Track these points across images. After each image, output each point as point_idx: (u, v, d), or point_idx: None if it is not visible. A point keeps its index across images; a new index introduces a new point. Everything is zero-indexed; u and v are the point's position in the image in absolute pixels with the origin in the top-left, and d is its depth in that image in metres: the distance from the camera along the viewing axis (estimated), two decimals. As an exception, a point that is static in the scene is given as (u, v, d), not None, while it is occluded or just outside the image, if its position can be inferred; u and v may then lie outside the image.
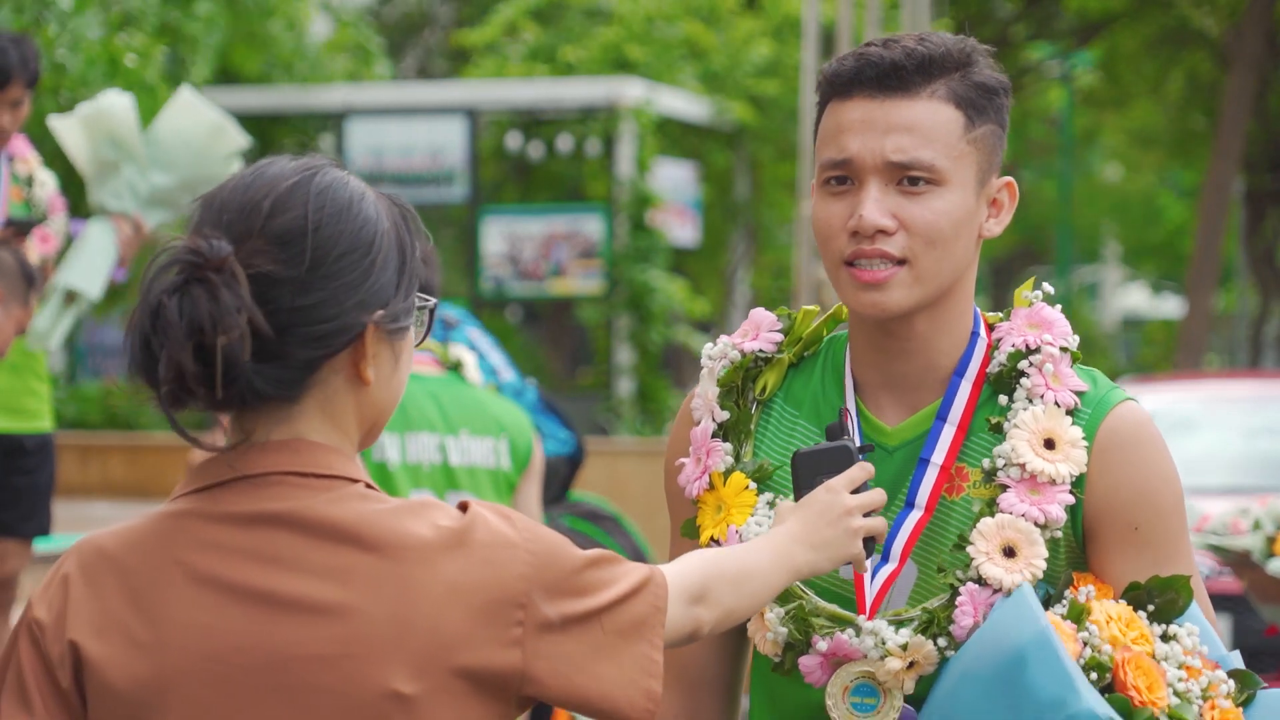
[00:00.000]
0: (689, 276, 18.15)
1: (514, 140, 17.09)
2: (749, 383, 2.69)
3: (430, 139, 16.69)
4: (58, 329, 6.38)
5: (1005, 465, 2.54)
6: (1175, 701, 2.42)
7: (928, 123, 2.55)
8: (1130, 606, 2.48)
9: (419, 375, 4.84)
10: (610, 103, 16.45)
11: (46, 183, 6.67)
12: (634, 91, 16.51)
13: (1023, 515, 2.51)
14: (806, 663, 2.55)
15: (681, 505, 2.69)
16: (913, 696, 2.52)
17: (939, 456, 2.58)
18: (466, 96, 17.21)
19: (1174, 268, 31.55)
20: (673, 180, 17.14)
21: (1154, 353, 28.93)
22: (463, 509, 2.23)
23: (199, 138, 6.38)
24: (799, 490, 2.50)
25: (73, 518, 10.13)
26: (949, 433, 2.58)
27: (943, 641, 2.49)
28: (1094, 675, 2.41)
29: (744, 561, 2.37)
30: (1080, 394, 2.58)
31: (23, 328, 6.23)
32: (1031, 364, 2.57)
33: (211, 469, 2.22)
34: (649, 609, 2.24)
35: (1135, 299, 41.20)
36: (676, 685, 2.73)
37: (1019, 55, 21.91)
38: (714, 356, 2.69)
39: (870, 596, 2.55)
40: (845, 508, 2.46)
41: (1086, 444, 2.54)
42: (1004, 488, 2.54)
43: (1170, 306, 34.65)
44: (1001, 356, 2.59)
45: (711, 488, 2.64)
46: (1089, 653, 2.42)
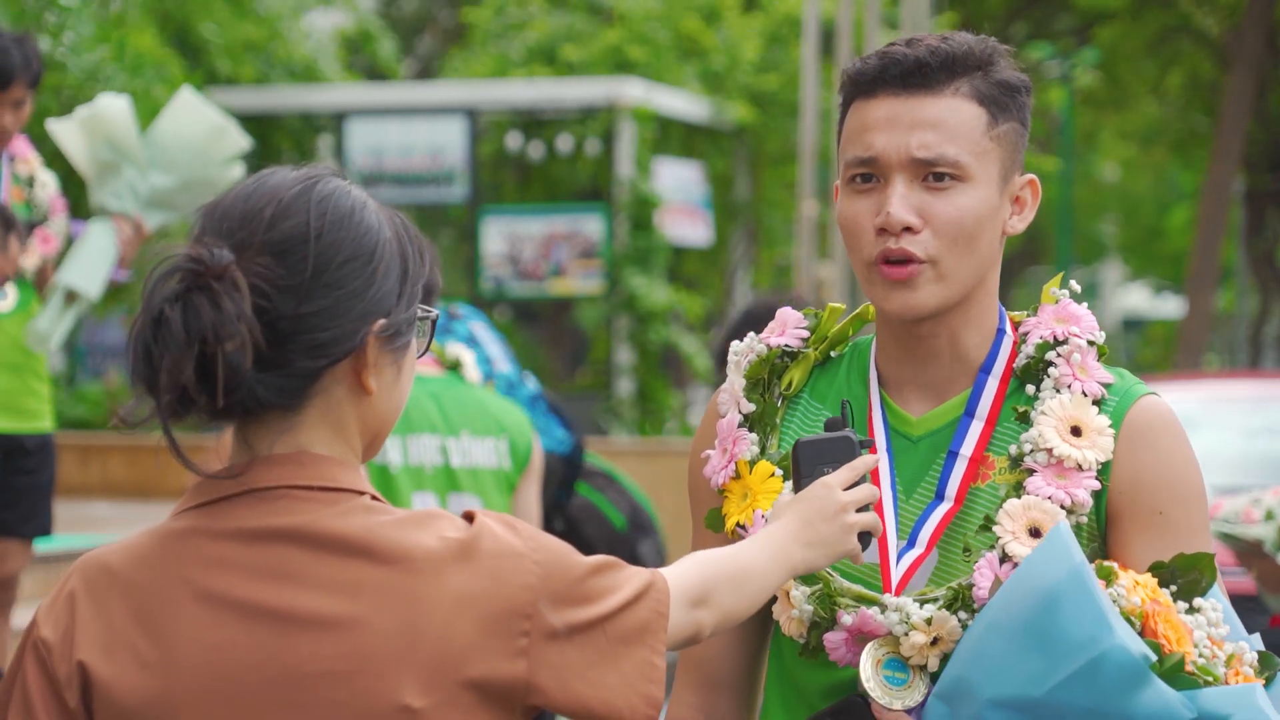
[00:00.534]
0: (695, 277, 18.15)
1: (514, 140, 17.09)
2: (775, 378, 2.71)
3: (430, 139, 16.68)
4: (58, 329, 6.38)
5: (1032, 451, 2.57)
6: (1201, 661, 2.42)
7: (952, 120, 2.57)
8: (1156, 582, 2.48)
9: (419, 376, 4.83)
10: (610, 103, 16.45)
11: (47, 183, 6.67)
12: (634, 91, 16.50)
13: (1049, 497, 2.54)
14: (832, 639, 2.57)
15: (705, 499, 2.71)
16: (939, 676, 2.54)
17: (967, 449, 2.61)
18: (466, 96, 17.20)
19: (1174, 268, 31.55)
20: (679, 180, 17.12)
21: (1154, 353, 28.93)
22: (468, 519, 2.22)
23: (200, 138, 6.38)
24: (799, 480, 2.52)
25: (73, 518, 10.12)
26: (977, 426, 2.61)
27: (965, 615, 2.51)
28: (1129, 626, 2.39)
29: (742, 562, 2.38)
30: (1106, 385, 2.61)
31: (4, 275, 6.24)
32: (1059, 354, 2.61)
33: (216, 483, 2.21)
34: (651, 615, 2.24)
35: (1135, 299, 41.20)
36: (695, 685, 2.75)
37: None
38: (741, 351, 2.72)
39: (896, 578, 2.58)
40: (840, 504, 2.46)
41: (1113, 432, 2.57)
42: (1031, 472, 2.56)
43: (1170, 306, 34.63)
44: (1029, 348, 2.63)
45: (737, 476, 2.66)
46: (1119, 610, 2.41)
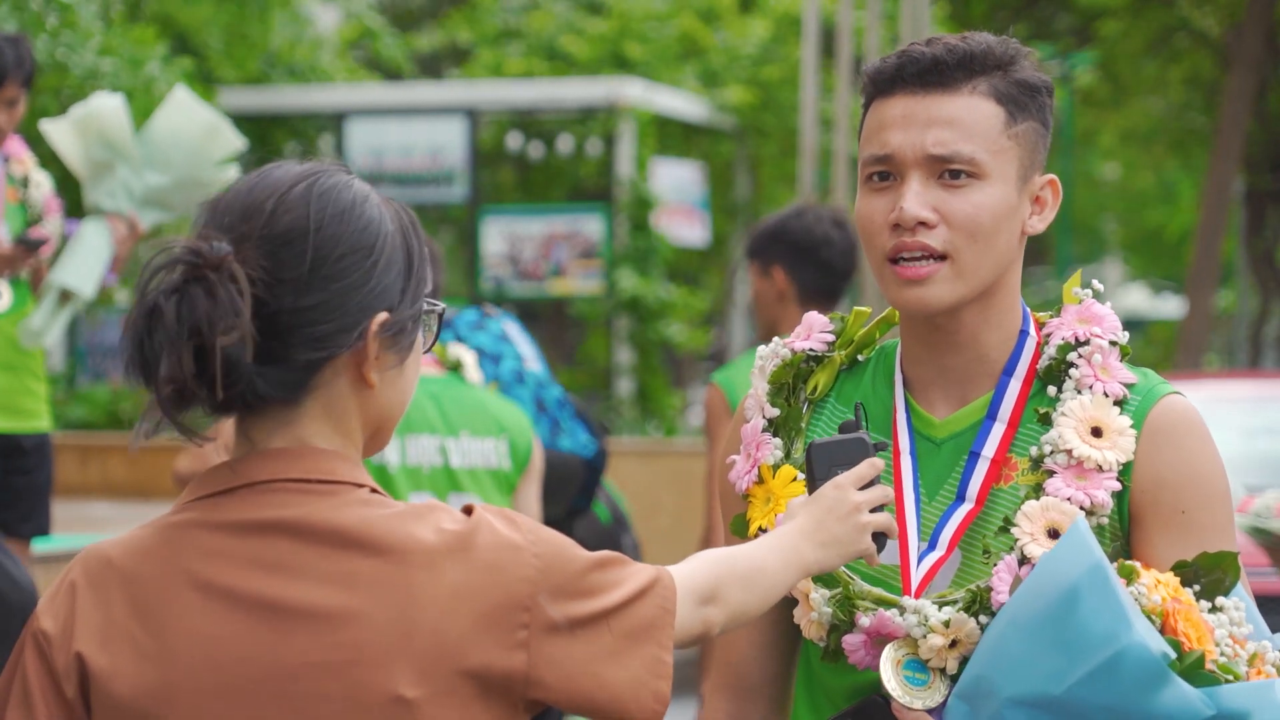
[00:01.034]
0: (693, 277, 18.14)
1: (514, 140, 17.09)
2: (800, 382, 2.71)
3: (430, 139, 16.67)
4: (52, 327, 6.38)
5: (1052, 452, 2.57)
6: (1223, 659, 2.41)
7: (968, 117, 2.57)
8: (1179, 581, 2.47)
9: (420, 376, 4.82)
10: (610, 102, 16.44)
11: (42, 183, 6.66)
12: (633, 91, 16.50)
13: (1068, 499, 2.53)
14: (850, 641, 2.57)
15: (732, 503, 2.72)
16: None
17: (989, 450, 2.60)
18: (466, 96, 17.20)
19: (1174, 268, 31.52)
20: (676, 180, 17.11)
21: (1154, 353, 28.91)
22: (467, 512, 2.22)
23: (194, 138, 6.38)
24: (813, 481, 2.52)
25: (73, 518, 10.12)
26: (999, 429, 2.61)
27: (984, 619, 2.50)
28: (1149, 623, 2.38)
29: (753, 561, 2.37)
30: (1129, 385, 2.60)
31: None
32: (1080, 355, 2.60)
33: (215, 477, 2.22)
34: (657, 610, 2.24)
35: (1135, 299, 41.22)
36: (726, 689, 2.75)
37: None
38: (765, 355, 2.72)
39: (916, 580, 2.57)
40: (853, 504, 2.46)
41: (1135, 432, 2.56)
42: (1051, 473, 2.56)
43: (1170, 306, 34.64)
44: (1051, 350, 2.63)
45: (761, 481, 2.66)
46: (1139, 607, 2.40)
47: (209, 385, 2.14)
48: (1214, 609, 2.46)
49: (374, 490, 2.23)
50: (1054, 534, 2.51)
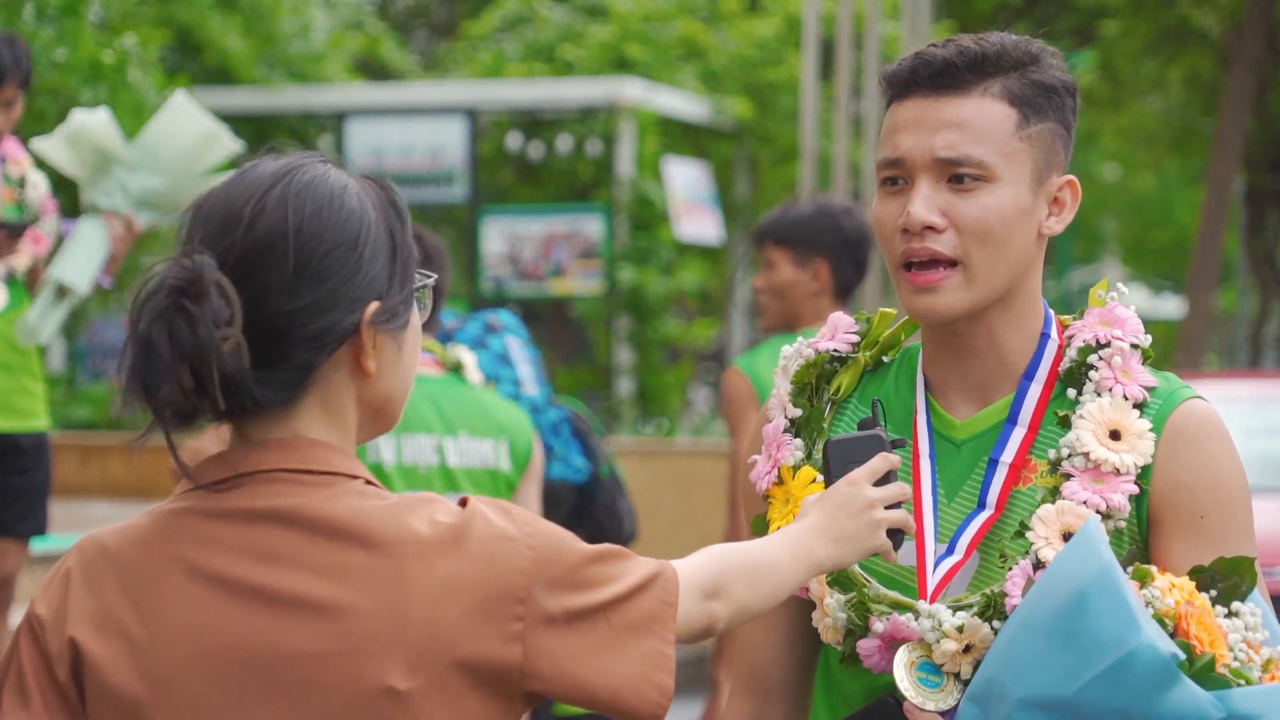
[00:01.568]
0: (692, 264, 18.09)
1: (514, 140, 17.08)
2: (823, 383, 2.70)
3: (430, 139, 16.67)
4: (48, 323, 6.37)
5: (1070, 455, 2.56)
6: (1236, 664, 2.40)
7: (977, 120, 2.56)
8: (1194, 585, 2.46)
9: (419, 377, 4.81)
10: (610, 102, 16.43)
11: (38, 184, 6.66)
12: (634, 91, 16.49)
13: (1084, 502, 2.52)
14: (865, 645, 2.57)
15: (753, 504, 2.71)
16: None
17: (1008, 456, 2.59)
18: (466, 96, 17.19)
19: (1174, 268, 31.50)
20: (686, 178, 17.09)
21: (1154, 353, 28.87)
22: (463, 504, 2.22)
23: (191, 143, 6.37)
24: (830, 479, 2.51)
25: (73, 518, 10.13)
26: (1019, 433, 2.60)
27: (998, 623, 2.50)
28: (1158, 626, 2.37)
29: (760, 556, 2.35)
30: (1150, 389, 2.59)
31: None
32: (1101, 358, 2.59)
33: (211, 468, 2.23)
34: (658, 604, 2.23)
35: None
36: (746, 692, 2.75)
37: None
38: (789, 355, 2.72)
39: (932, 584, 2.57)
40: (867, 500, 2.45)
41: (1154, 435, 2.55)
42: (1068, 476, 2.55)
43: (1170, 306, 34.61)
44: (1072, 352, 2.61)
45: (780, 481, 2.66)
46: (1151, 610, 2.39)
47: (210, 399, 2.15)
48: (1230, 614, 2.44)
49: (369, 482, 2.23)
50: (1069, 537, 2.50)
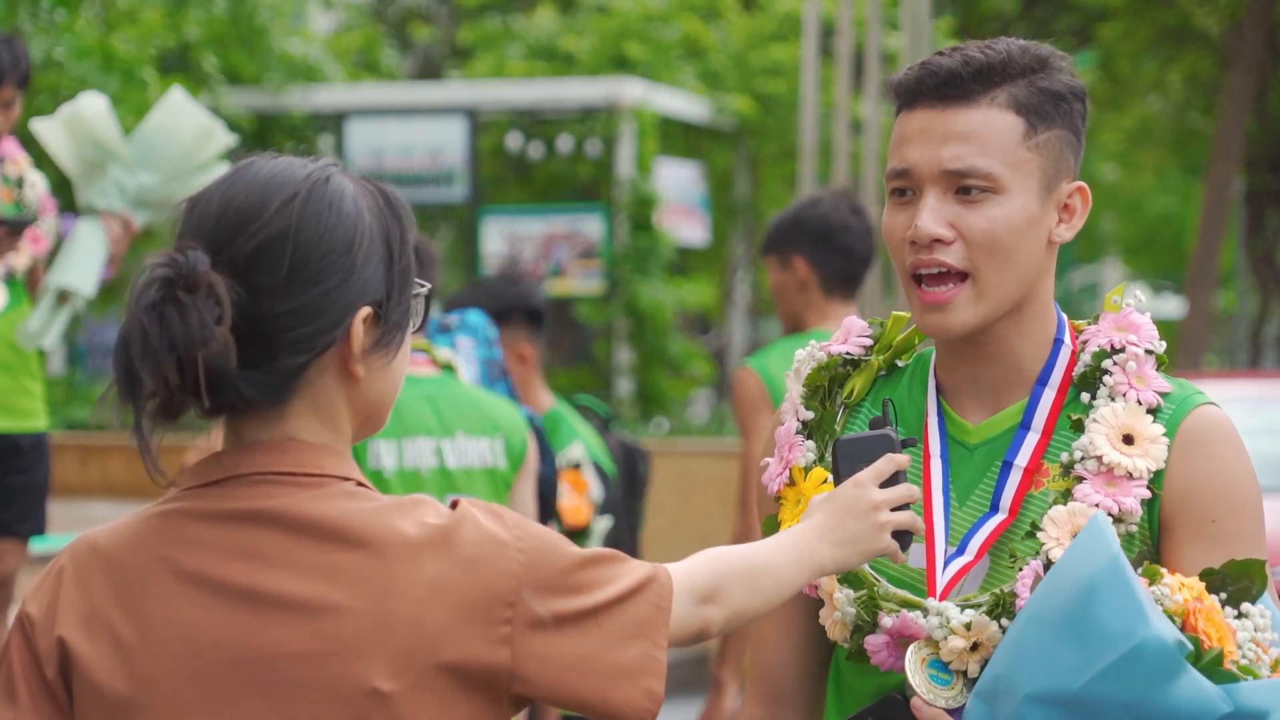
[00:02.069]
0: (694, 276, 18.12)
1: (514, 140, 17.07)
2: (836, 386, 2.70)
3: (430, 139, 16.67)
4: (50, 329, 6.37)
5: (1083, 458, 2.56)
6: (1245, 662, 2.39)
7: (984, 130, 2.55)
8: (1204, 586, 2.45)
9: (414, 377, 4.79)
10: (610, 103, 16.43)
11: (37, 184, 6.66)
12: (634, 91, 16.49)
13: (1096, 505, 2.51)
14: (873, 641, 2.57)
15: (766, 506, 2.71)
16: None
17: (1023, 460, 2.59)
18: (466, 96, 17.20)
19: (1174, 268, 31.50)
20: (677, 180, 17.10)
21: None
22: (453, 507, 2.22)
23: (187, 138, 6.37)
24: (840, 479, 2.50)
25: (73, 518, 10.12)
26: (1033, 438, 2.60)
27: (1006, 622, 2.49)
28: (1166, 619, 2.37)
29: (759, 559, 2.34)
30: (1164, 394, 2.58)
31: None
32: (1115, 363, 2.59)
33: (203, 470, 2.23)
34: (650, 608, 2.22)
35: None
36: (759, 696, 2.75)
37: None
38: (802, 359, 2.72)
39: (941, 584, 2.57)
40: (872, 502, 2.43)
41: (1167, 440, 2.55)
42: (1080, 480, 2.55)
43: (1170, 306, 34.61)
44: (1086, 357, 2.61)
45: (792, 483, 2.66)
46: (1160, 607, 2.39)
47: (195, 395, 2.15)
48: (1239, 615, 2.44)
49: (360, 483, 2.23)
50: None
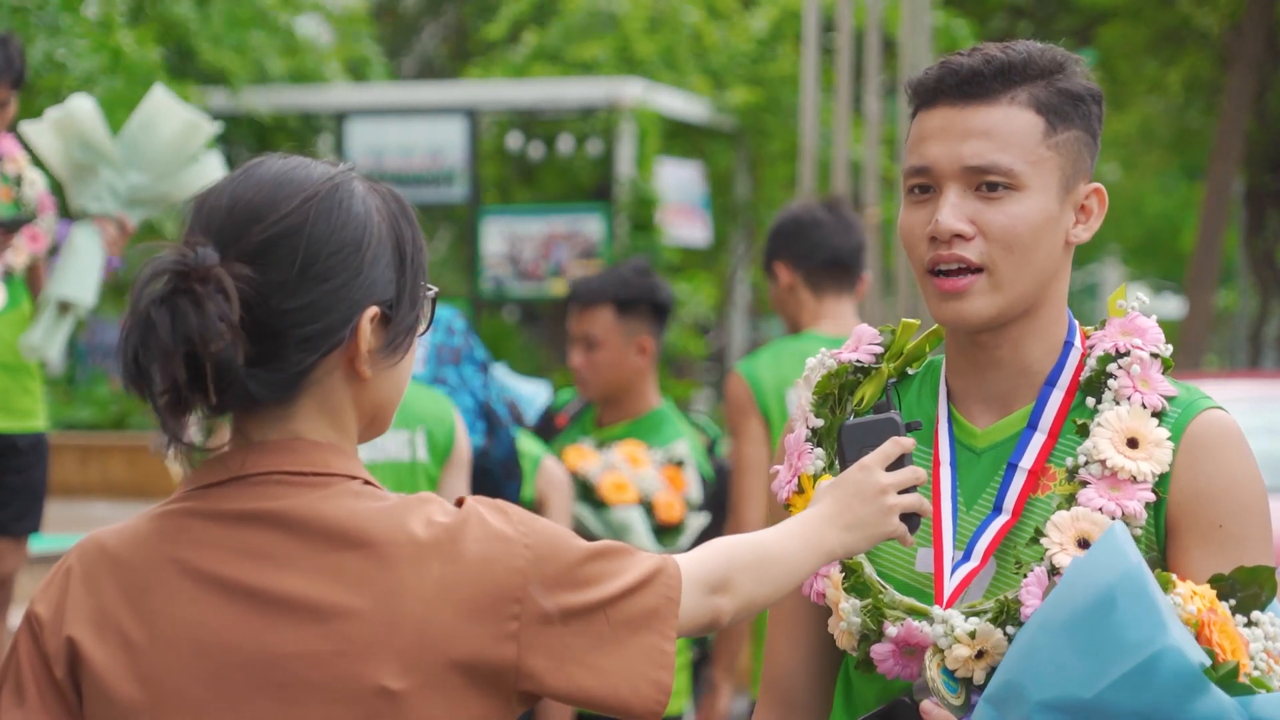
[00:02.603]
0: (693, 277, 18.09)
1: (514, 140, 17.07)
2: (846, 393, 2.70)
3: (430, 139, 16.66)
4: (53, 341, 6.37)
5: (1087, 463, 2.56)
6: (1257, 673, 2.38)
7: (1005, 128, 2.56)
8: (1215, 594, 2.44)
9: None
10: (610, 103, 16.43)
11: (36, 182, 6.66)
12: (634, 91, 16.49)
13: (1100, 509, 2.51)
14: (879, 650, 2.57)
15: (778, 513, 2.70)
16: None
17: (1027, 462, 2.59)
18: (466, 96, 17.19)
19: (1174, 268, 31.50)
20: (678, 180, 17.09)
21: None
22: (459, 504, 2.22)
23: (173, 135, 6.37)
24: (845, 464, 2.50)
25: (73, 518, 10.13)
26: (1039, 439, 2.60)
27: (1011, 629, 2.49)
28: (1186, 630, 2.35)
29: (768, 547, 2.34)
30: (1170, 398, 2.58)
31: None
32: (1120, 366, 2.59)
33: (210, 470, 2.23)
34: (659, 600, 2.22)
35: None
36: (770, 702, 2.75)
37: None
38: (813, 366, 2.72)
39: (949, 591, 2.56)
40: (879, 486, 2.44)
41: (1172, 444, 2.55)
42: (1084, 484, 2.55)
43: (1170, 306, 34.62)
44: (1092, 361, 2.61)
45: (801, 490, 2.65)
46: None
47: (202, 391, 2.15)
48: (1249, 624, 2.43)
49: (367, 482, 2.23)
50: (1084, 544, 2.49)
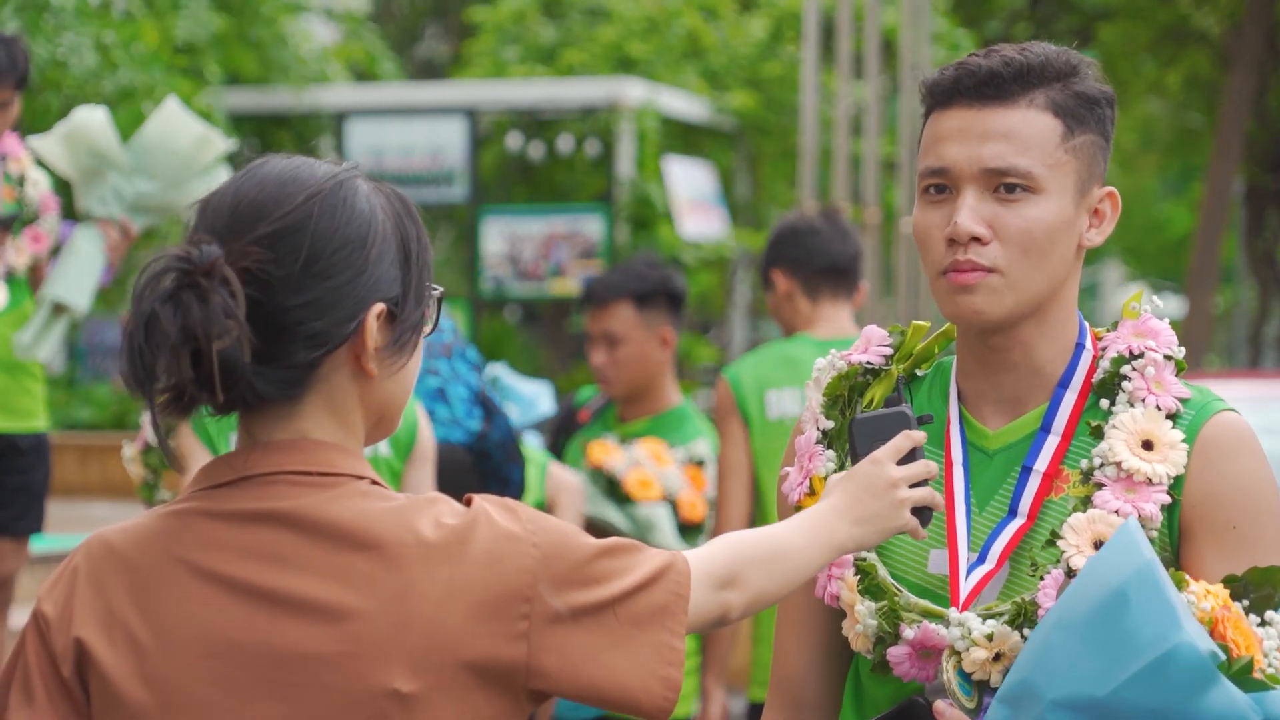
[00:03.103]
0: (694, 277, 18.10)
1: (514, 140, 17.07)
2: (856, 395, 2.69)
3: (430, 139, 16.66)
4: (45, 341, 6.36)
5: (1102, 465, 2.55)
6: (1271, 672, 2.38)
7: (1024, 130, 2.55)
8: (1229, 594, 2.44)
9: None
10: (610, 103, 16.43)
11: (39, 181, 6.65)
12: (634, 91, 16.48)
13: (1115, 511, 2.51)
14: (895, 653, 2.56)
15: (788, 514, 2.69)
16: None
17: (1042, 464, 2.58)
18: (466, 96, 17.19)
19: (1174, 268, 31.51)
20: (690, 178, 17.07)
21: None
22: (468, 503, 2.22)
23: (183, 147, 6.36)
24: (856, 458, 2.50)
25: (73, 518, 10.13)
26: (1053, 442, 2.59)
27: (1028, 631, 2.49)
28: (1200, 626, 2.34)
29: (777, 541, 2.34)
30: (1184, 400, 2.58)
31: None
32: (1134, 369, 2.58)
33: (218, 469, 2.23)
34: (668, 596, 2.22)
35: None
36: (782, 705, 2.75)
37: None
38: (822, 368, 2.71)
39: (965, 592, 2.56)
40: (890, 479, 2.43)
41: (1187, 446, 2.54)
42: (1100, 486, 2.54)
43: (1170, 306, 34.69)
44: (1106, 363, 2.61)
45: (812, 492, 2.65)
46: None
47: (208, 389, 2.14)
48: (1263, 624, 2.43)
49: (374, 482, 2.22)
50: (1100, 546, 2.48)
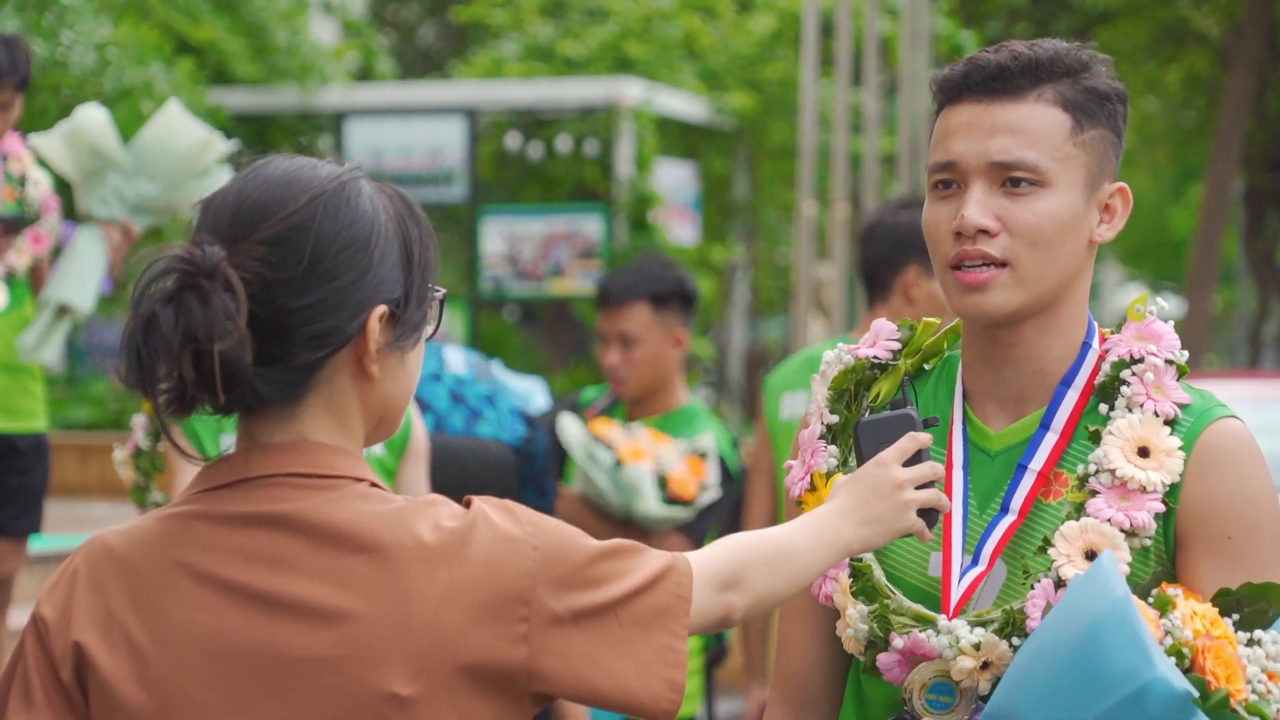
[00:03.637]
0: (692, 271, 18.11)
1: (514, 140, 17.06)
2: (862, 389, 2.68)
3: (430, 139, 16.66)
4: (48, 343, 6.36)
5: (1097, 471, 2.53)
6: (1254, 698, 2.37)
7: (1032, 124, 2.55)
8: (1217, 611, 2.43)
9: None
10: (610, 103, 16.42)
11: (40, 181, 6.64)
12: (634, 91, 16.48)
13: (1108, 520, 2.49)
14: (885, 660, 2.56)
15: (792, 511, 2.69)
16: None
17: (1037, 463, 2.57)
18: (466, 96, 17.18)
19: (1173, 268, 31.51)
20: (674, 180, 17.10)
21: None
22: (467, 505, 2.21)
23: (185, 150, 6.36)
24: (862, 460, 2.49)
25: (73, 518, 10.12)
26: (1051, 439, 2.58)
27: (1017, 641, 2.47)
28: (1172, 660, 2.35)
29: (781, 542, 2.33)
30: (1183, 406, 2.56)
31: None
32: (1134, 373, 2.57)
33: (217, 471, 2.22)
34: (670, 598, 2.21)
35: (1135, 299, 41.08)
36: (785, 702, 2.74)
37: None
38: (829, 362, 2.70)
39: (955, 597, 2.55)
40: (896, 481, 2.42)
41: (1184, 454, 2.52)
42: (1094, 493, 2.52)
43: (1170, 307, 34.68)
44: (1107, 367, 2.59)
45: (814, 488, 2.64)
46: (1169, 641, 2.37)
47: (210, 390, 2.14)
48: (1252, 641, 2.42)
49: (374, 484, 2.22)
50: (1091, 555, 2.47)
